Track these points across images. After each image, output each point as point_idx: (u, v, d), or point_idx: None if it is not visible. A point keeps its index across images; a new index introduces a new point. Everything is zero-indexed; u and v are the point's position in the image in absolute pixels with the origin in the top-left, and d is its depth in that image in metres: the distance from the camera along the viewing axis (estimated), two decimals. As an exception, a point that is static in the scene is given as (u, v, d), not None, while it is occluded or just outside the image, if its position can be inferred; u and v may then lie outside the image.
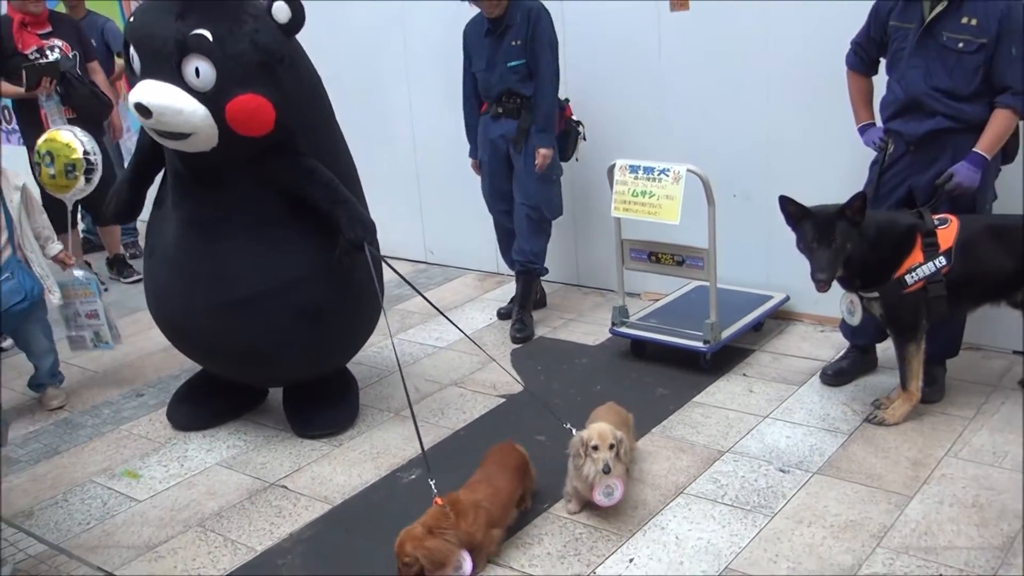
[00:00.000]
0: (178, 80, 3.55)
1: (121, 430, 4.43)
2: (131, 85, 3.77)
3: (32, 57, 5.85)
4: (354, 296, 4.06)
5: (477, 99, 5.25)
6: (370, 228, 3.92)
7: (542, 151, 4.97)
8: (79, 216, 6.75)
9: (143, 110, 3.56)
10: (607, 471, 3.28)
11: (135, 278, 6.53)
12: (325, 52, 6.58)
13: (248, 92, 3.58)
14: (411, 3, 6.06)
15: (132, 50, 3.73)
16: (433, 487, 3.20)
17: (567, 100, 5.20)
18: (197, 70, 3.54)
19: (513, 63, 4.96)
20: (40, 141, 4.88)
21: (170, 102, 3.54)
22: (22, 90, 5.77)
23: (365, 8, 6.29)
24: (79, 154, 4.71)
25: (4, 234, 4.33)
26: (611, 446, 3.29)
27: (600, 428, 3.36)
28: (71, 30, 6.17)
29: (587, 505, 3.47)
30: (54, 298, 4.55)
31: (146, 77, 3.63)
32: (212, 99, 3.56)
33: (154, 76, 3.60)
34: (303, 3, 3.77)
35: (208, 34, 3.53)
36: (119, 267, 6.87)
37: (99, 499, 3.83)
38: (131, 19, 3.80)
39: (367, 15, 6.31)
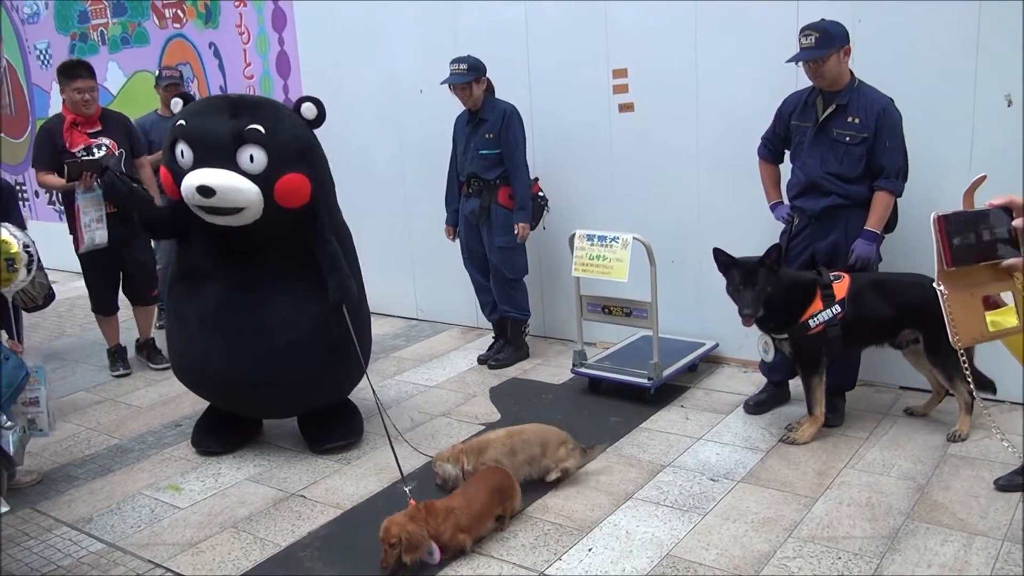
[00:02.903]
0: (233, 166, 3.77)
1: (164, 453, 4.53)
2: (174, 175, 3.90)
3: (79, 154, 5.47)
4: (362, 331, 4.27)
5: (458, 177, 5.47)
6: (349, 295, 4.08)
7: (521, 224, 5.23)
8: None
9: (206, 191, 3.73)
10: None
11: (164, 366, 5.77)
12: (338, 137, 6.82)
13: (293, 172, 3.84)
14: (404, 96, 6.30)
15: (183, 145, 3.84)
16: (408, 492, 3.40)
17: (536, 178, 5.39)
18: (252, 156, 3.77)
19: (484, 151, 5.21)
20: None
21: (231, 182, 3.75)
22: (62, 181, 5.38)
23: (367, 103, 6.56)
24: (17, 248, 4.23)
25: None
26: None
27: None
28: (120, 128, 5.74)
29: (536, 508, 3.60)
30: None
31: (199, 166, 3.80)
32: (263, 178, 3.79)
33: (209, 164, 3.78)
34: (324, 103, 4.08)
35: (261, 128, 3.79)
36: (149, 352, 6.06)
37: (147, 507, 3.92)
38: (181, 122, 3.87)
39: (369, 107, 6.56)
